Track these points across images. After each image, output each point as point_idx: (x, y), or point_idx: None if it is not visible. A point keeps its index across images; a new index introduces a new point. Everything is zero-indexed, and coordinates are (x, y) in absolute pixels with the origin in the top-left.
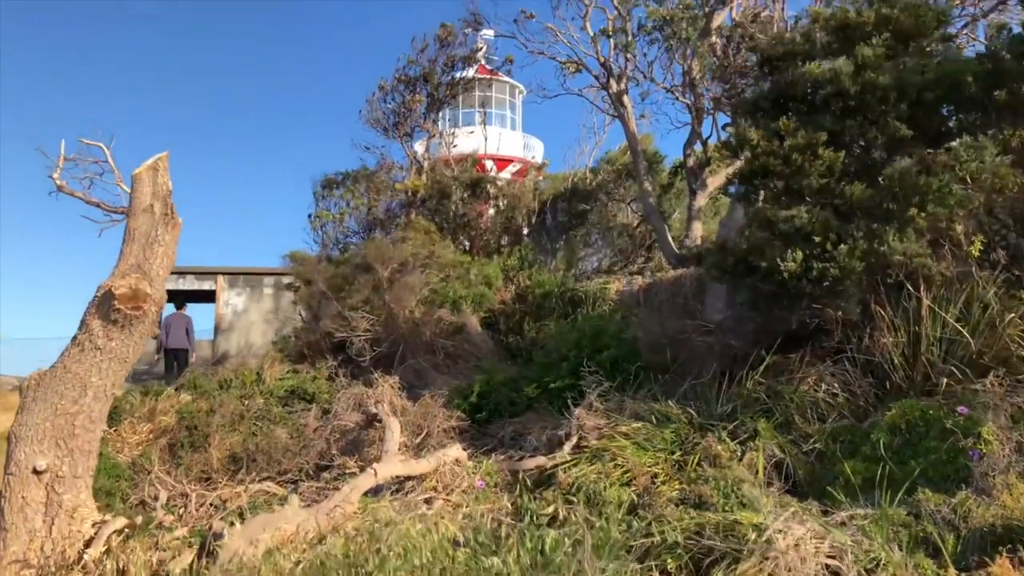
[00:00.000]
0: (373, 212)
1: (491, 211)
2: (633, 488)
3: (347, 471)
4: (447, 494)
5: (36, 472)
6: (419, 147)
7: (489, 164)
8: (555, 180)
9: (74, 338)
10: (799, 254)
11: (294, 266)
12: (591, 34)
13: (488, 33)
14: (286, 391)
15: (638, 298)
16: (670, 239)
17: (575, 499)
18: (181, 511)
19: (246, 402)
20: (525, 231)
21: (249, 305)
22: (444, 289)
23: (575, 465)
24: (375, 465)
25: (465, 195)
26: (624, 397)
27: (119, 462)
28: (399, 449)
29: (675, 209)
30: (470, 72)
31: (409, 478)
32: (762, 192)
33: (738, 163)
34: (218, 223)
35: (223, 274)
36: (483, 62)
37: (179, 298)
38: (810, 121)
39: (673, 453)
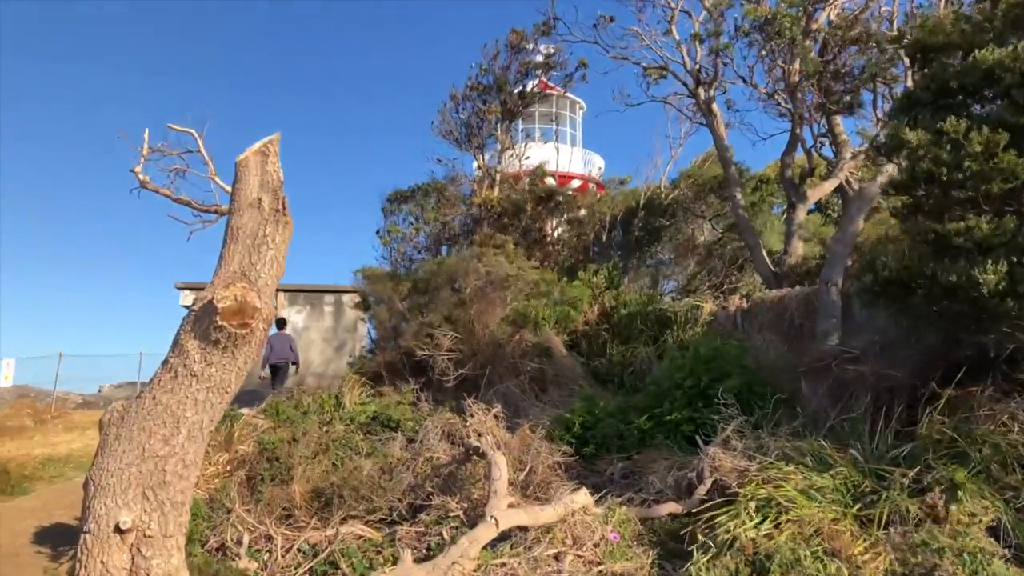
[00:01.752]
0: (448, 227)
1: (560, 227)
2: (819, 549)
3: (449, 514)
4: (577, 548)
5: (120, 531)
6: (490, 159)
7: (550, 181)
8: (625, 195)
9: (165, 362)
10: (1002, 266)
11: (365, 283)
12: (676, 38)
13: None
14: (367, 417)
15: (735, 320)
16: (765, 256)
17: (768, 568)
18: (266, 558)
19: (325, 429)
20: (594, 248)
21: (309, 323)
22: (526, 308)
23: (735, 517)
24: (495, 514)
25: (539, 209)
26: (760, 433)
27: (196, 498)
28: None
29: (759, 225)
30: (536, 82)
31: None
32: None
33: (843, 175)
34: None
35: (283, 291)
36: (553, 71)
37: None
38: (981, 117)
39: (850, 506)
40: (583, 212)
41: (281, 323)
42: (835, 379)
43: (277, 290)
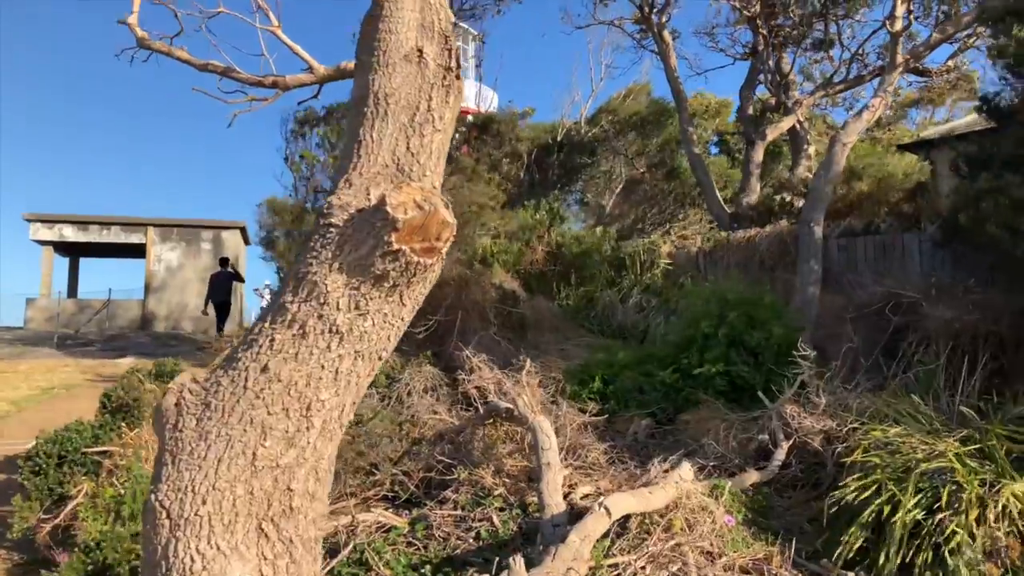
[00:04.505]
0: None
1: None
2: None
3: (492, 492)
4: (694, 537)
5: None
6: None
7: None
8: (536, 130)
9: (278, 310)
10: None
11: (271, 217)
12: None
13: None
14: None
15: (697, 262)
16: (719, 196)
17: None
18: None
19: None
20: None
21: (184, 261)
22: (486, 245)
23: (876, 492)
24: (607, 500)
25: (471, 138)
26: (832, 388)
27: None
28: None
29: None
30: None
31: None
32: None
33: (801, 112)
34: (151, 170)
35: (154, 226)
36: None
37: (99, 252)
38: None
39: (1016, 479)
40: (519, 145)
41: (224, 261)
42: (887, 326)
43: (147, 225)
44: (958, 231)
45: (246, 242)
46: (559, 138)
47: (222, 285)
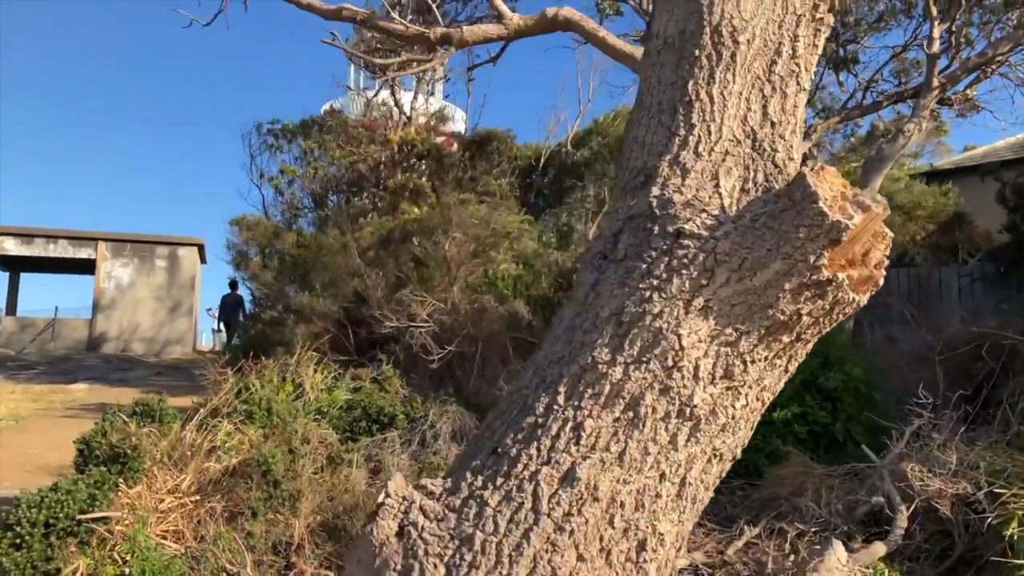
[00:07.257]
0: (356, 168)
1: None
2: None
3: None
4: None
5: None
6: (405, 96)
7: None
8: (525, 150)
9: (583, 372)
10: None
11: (244, 235)
12: None
13: None
14: (339, 409)
15: None
16: None
17: None
18: None
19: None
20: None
21: (137, 279)
22: (504, 272)
23: None
24: None
25: (470, 155)
26: (942, 438)
27: (172, 556)
28: None
29: None
30: None
31: None
32: None
33: (815, 136)
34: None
35: (105, 240)
36: None
37: (44, 267)
38: None
39: None
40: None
41: (234, 284)
42: (969, 370)
43: (98, 239)
44: (1016, 264)
45: (203, 260)
46: (543, 161)
47: (232, 306)
